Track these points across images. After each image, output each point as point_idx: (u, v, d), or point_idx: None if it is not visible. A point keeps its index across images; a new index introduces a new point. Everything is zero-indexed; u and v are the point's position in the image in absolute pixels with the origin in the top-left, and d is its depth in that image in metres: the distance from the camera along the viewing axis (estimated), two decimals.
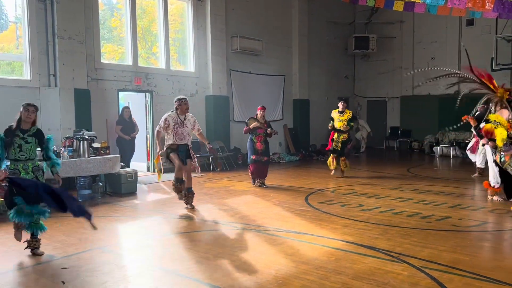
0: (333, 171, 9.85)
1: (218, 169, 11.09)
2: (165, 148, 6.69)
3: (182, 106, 6.66)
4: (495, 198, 6.69)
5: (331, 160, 9.78)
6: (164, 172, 10.65)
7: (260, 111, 8.61)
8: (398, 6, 9.00)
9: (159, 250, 4.74)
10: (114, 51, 10.57)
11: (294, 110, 15.17)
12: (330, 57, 16.67)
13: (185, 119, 6.70)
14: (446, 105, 11.91)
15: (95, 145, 7.86)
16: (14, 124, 4.56)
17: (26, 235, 4.59)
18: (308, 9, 15.18)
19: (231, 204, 7.07)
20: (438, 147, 14.39)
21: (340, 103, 9.66)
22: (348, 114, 9.54)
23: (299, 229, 5.41)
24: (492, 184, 6.71)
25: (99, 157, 7.68)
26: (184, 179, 6.66)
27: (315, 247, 4.68)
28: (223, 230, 5.53)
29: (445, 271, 3.86)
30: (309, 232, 5.27)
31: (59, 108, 8.75)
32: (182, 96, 6.84)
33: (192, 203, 6.74)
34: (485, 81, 4.92)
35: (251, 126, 8.50)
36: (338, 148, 9.61)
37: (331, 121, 9.70)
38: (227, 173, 10.67)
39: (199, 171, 7.44)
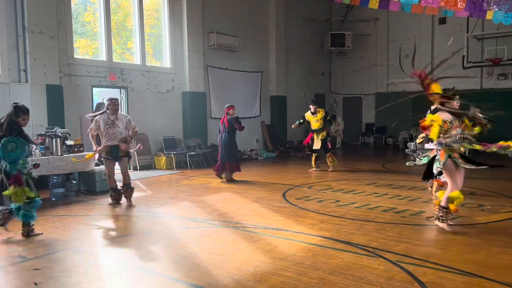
0: (314, 169, 10.14)
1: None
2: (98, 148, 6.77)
3: (111, 107, 6.65)
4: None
5: (313, 160, 10.19)
6: (140, 169, 10.56)
7: (232, 110, 8.88)
8: (374, 4, 9.10)
9: (135, 249, 4.66)
10: (87, 46, 10.33)
11: (272, 106, 15.22)
12: (306, 54, 16.77)
13: (116, 119, 6.67)
14: (419, 101, 12.15)
15: (69, 142, 7.69)
16: None
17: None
18: (284, 6, 15.22)
19: (209, 201, 7.03)
20: (412, 143, 14.65)
21: (311, 105, 10.12)
22: (321, 113, 10.04)
23: (277, 225, 5.43)
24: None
25: (73, 154, 7.51)
26: (118, 185, 6.88)
27: (292, 243, 4.70)
28: (201, 227, 5.49)
29: (419, 264, 3.95)
30: (287, 228, 5.29)
31: (30, 104, 8.42)
32: (113, 97, 6.90)
33: (131, 200, 6.84)
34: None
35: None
36: (319, 147, 10.00)
37: (300, 121, 10.14)
38: (204, 170, 10.61)
39: (140, 147, 7.45)
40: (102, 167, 8.18)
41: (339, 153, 15.09)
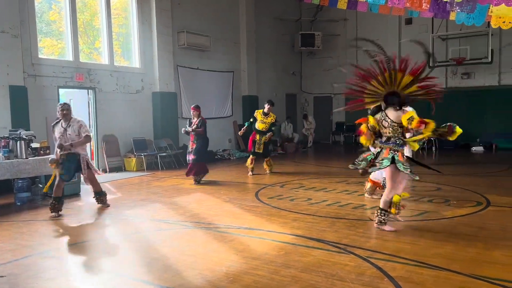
0: (250, 172, 9.66)
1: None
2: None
3: (59, 113, 6.26)
4: (374, 197, 6.74)
5: (249, 161, 9.69)
6: (109, 171, 10.35)
7: (192, 111, 8.77)
8: (342, 4, 9.23)
9: (105, 253, 4.57)
10: (53, 46, 10.03)
11: (244, 106, 15.20)
12: (277, 53, 16.85)
13: (68, 126, 6.25)
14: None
15: (34, 145, 7.45)
16: None
17: None
18: (255, 5, 15.24)
19: (181, 202, 6.96)
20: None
21: (266, 104, 9.60)
22: (272, 118, 9.54)
23: (250, 225, 5.43)
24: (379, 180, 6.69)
25: (38, 157, 7.29)
26: (60, 195, 6.30)
27: (265, 242, 4.72)
28: (173, 229, 5.44)
29: (389, 260, 4.03)
30: (260, 227, 5.31)
31: None
32: (62, 102, 6.49)
33: (107, 202, 6.72)
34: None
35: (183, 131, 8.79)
36: (261, 151, 9.58)
37: (248, 123, 9.67)
38: (175, 171, 10.50)
39: (99, 173, 7.13)
40: None
41: (311, 152, 15.26)
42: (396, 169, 4.84)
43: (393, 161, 4.82)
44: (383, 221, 5.02)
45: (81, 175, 6.70)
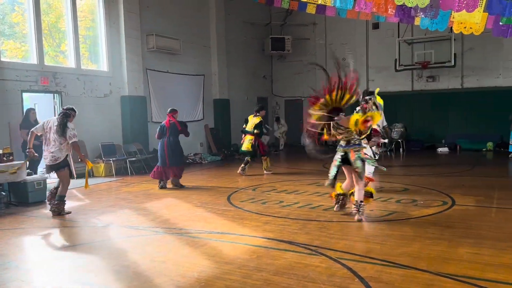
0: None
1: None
2: (62, 159, 6.49)
3: (72, 118, 6.70)
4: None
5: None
6: (77, 178, 10.09)
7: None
8: (311, 9, 9.36)
9: (72, 262, 4.44)
10: (16, 49, 9.71)
11: (215, 110, 15.16)
12: (248, 57, 16.90)
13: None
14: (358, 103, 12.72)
15: None
16: None
17: None
18: (225, 9, 15.24)
19: (151, 208, 6.85)
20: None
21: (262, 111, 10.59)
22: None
23: (222, 229, 5.41)
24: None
25: (1, 164, 7.02)
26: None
27: (237, 246, 4.70)
28: (143, 236, 5.34)
29: (359, 260, 4.10)
30: (232, 231, 5.29)
31: None
32: (70, 107, 6.83)
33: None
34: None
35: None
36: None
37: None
38: (146, 177, 10.32)
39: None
40: (36, 176, 7.77)
41: (282, 155, 15.35)
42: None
43: (362, 160, 5.55)
44: (362, 211, 5.55)
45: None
